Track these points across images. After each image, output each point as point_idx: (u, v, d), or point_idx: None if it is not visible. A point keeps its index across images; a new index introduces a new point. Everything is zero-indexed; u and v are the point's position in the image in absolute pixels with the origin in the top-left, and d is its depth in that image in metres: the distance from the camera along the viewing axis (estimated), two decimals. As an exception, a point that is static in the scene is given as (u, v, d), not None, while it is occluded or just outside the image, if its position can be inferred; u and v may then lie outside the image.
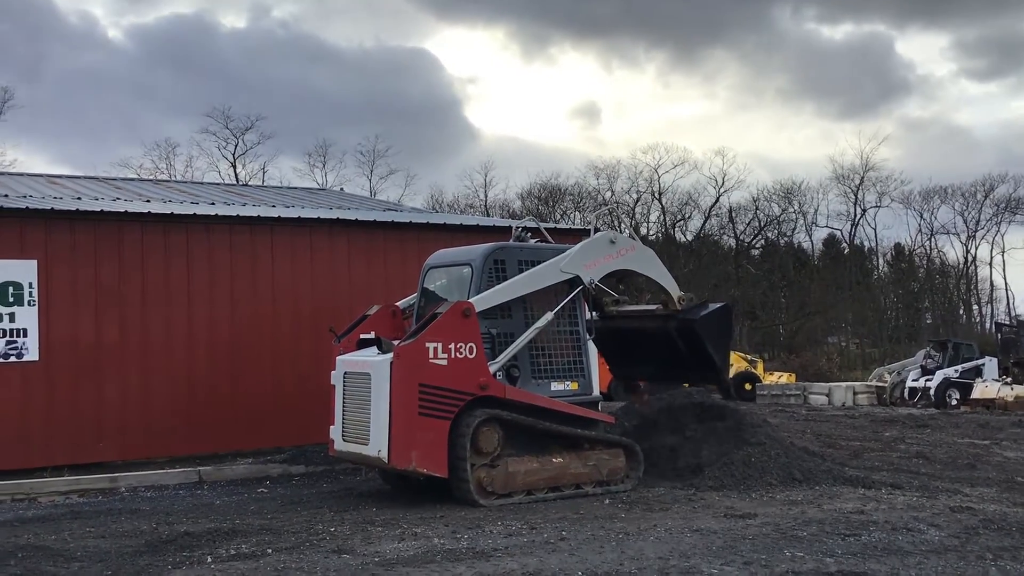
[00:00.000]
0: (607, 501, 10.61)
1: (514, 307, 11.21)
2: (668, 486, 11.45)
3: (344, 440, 11.09)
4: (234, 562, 7.73)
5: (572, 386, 11.55)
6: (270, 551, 8.12)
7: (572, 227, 19.86)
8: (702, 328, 12.40)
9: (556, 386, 11.40)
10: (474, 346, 10.47)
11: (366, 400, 10.63)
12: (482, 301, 10.79)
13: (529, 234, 12.66)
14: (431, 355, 10.23)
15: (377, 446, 10.35)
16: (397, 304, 12.48)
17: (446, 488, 10.53)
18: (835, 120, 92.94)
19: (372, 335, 11.23)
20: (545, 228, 13.52)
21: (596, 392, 11.94)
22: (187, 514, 10.49)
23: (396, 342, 10.55)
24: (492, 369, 10.64)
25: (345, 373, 11.18)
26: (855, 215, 65.10)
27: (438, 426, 10.24)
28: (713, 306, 12.75)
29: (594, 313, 12.75)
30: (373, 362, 10.64)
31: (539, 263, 11.41)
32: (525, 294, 11.18)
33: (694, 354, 12.57)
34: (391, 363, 10.29)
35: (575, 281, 11.52)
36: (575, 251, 11.67)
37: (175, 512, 10.67)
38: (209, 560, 7.83)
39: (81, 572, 7.39)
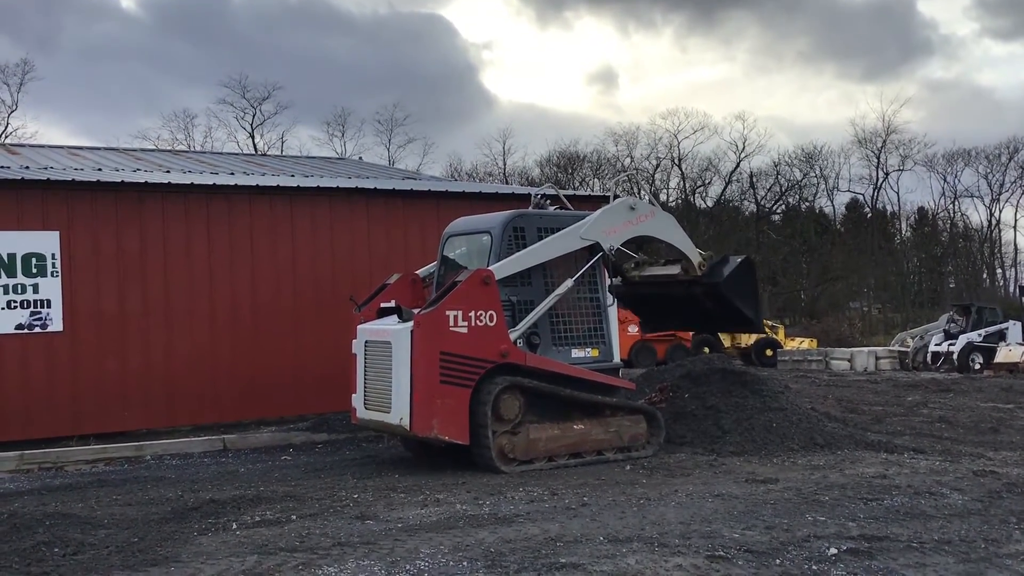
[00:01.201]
0: (628, 467, 10.63)
1: (534, 274, 11.18)
2: (689, 452, 11.47)
3: (366, 408, 11.16)
4: (259, 528, 7.81)
5: (593, 353, 11.54)
6: (294, 517, 8.20)
7: (591, 194, 19.75)
8: (728, 289, 12.53)
9: (577, 353, 11.38)
10: (494, 314, 10.48)
11: (387, 368, 10.67)
12: (502, 269, 10.78)
13: (548, 201, 12.62)
14: (451, 323, 10.24)
15: (399, 414, 10.41)
16: (417, 272, 12.49)
17: (467, 455, 10.58)
18: (856, 82, 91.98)
19: (392, 304, 11.25)
20: (564, 195, 13.48)
21: (617, 359, 11.93)
22: (212, 481, 10.60)
23: (416, 311, 10.57)
24: (512, 337, 10.66)
25: (366, 342, 11.21)
26: (877, 179, 64.64)
27: (459, 394, 10.28)
28: (734, 260, 12.76)
29: (616, 279, 12.78)
30: (394, 331, 10.66)
31: (559, 230, 11.37)
32: (545, 261, 11.16)
33: (724, 310, 12.85)
34: (411, 331, 10.32)
35: (595, 248, 11.49)
36: (595, 217, 11.62)
37: (200, 480, 10.78)
38: (234, 526, 7.91)
39: (108, 539, 7.48)
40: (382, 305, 11.53)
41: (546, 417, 10.86)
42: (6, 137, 50.61)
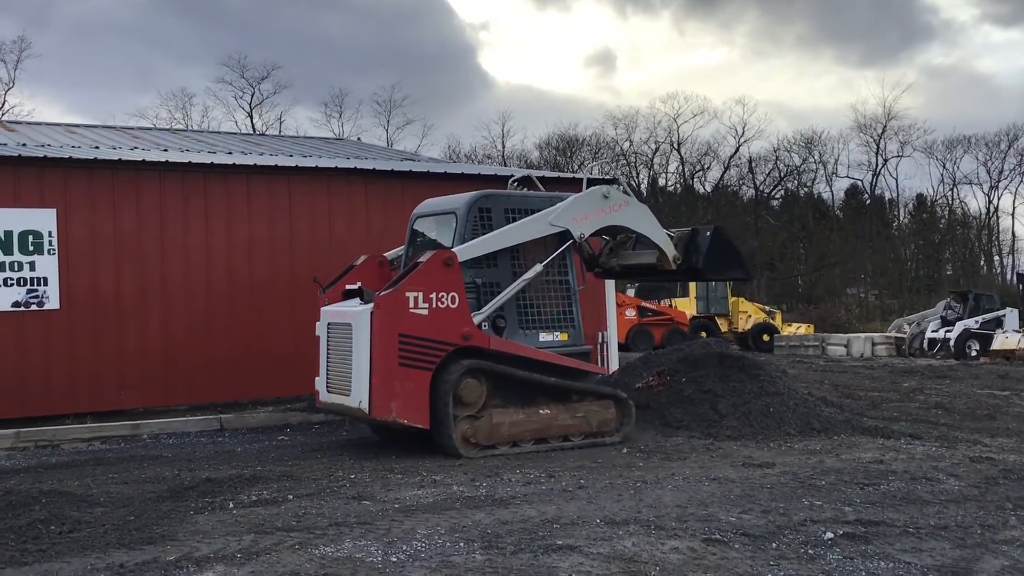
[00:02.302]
0: (625, 450, 10.64)
1: (500, 256, 10.95)
2: (686, 435, 11.46)
3: (328, 391, 10.98)
4: (255, 508, 7.81)
5: (562, 337, 11.33)
6: (291, 497, 8.20)
7: (574, 176, 19.68)
8: (709, 270, 12.40)
9: (545, 336, 11.17)
10: (456, 296, 10.27)
11: (348, 351, 10.49)
12: (466, 251, 10.56)
13: (522, 187, 12.40)
14: (411, 304, 10.02)
15: (358, 397, 10.22)
16: (385, 255, 12.34)
17: (431, 440, 10.40)
18: (856, 67, 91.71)
19: (357, 286, 11.04)
20: (550, 177, 13.31)
21: (586, 343, 11.71)
22: (208, 461, 10.59)
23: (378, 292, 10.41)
24: (476, 320, 10.44)
25: (328, 324, 11.04)
26: (877, 165, 64.59)
27: (419, 377, 10.08)
28: (704, 236, 12.30)
29: (595, 270, 12.76)
30: (354, 312, 10.45)
31: (528, 211, 11.16)
32: (512, 245, 10.95)
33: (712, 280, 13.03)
34: (371, 313, 10.11)
35: (565, 235, 11.26)
36: (566, 204, 11.35)
37: (196, 459, 10.78)
38: (231, 506, 7.90)
39: (104, 517, 7.48)
40: (347, 287, 11.34)
41: (512, 402, 10.66)
42: (3, 114, 50.41)
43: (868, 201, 66.04)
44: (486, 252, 10.76)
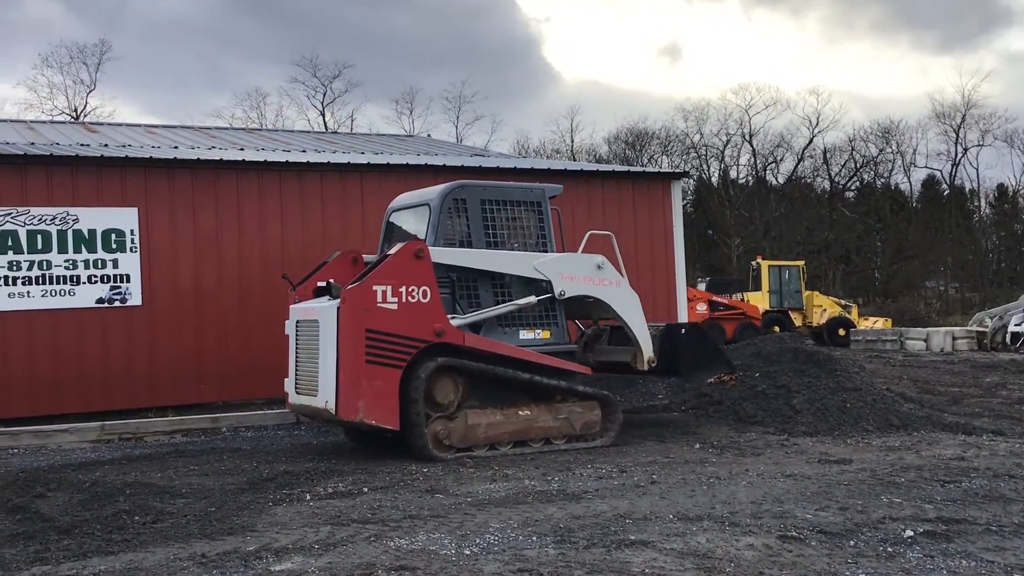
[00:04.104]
0: (697, 445, 10.56)
1: (476, 247, 10.51)
2: (760, 431, 11.34)
3: (297, 392, 10.58)
4: (331, 500, 7.94)
5: (544, 335, 10.81)
6: (366, 490, 8.32)
7: (644, 170, 19.58)
8: (688, 372, 11.59)
9: (525, 334, 10.67)
10: (428, 289, 9.77)
11: (315, 349, 10.05)
12: (440, 254, 10.13)
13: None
14: (379, 299, 9.55)
15: (324, 396, 9.75)
16: (359, 251, 11.92)
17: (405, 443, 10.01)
18: (932, 54, 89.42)
19: (331, 282, 10.58)
20: (619, 171, 13.04)
21: (571, 342, 11.25)
22: (286, 454, 10.79)
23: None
24: (456, 324, 10.01)
25: (297, 322, 10.66)
26: (956, 155, 62.82)
27: (387, 375, 9.56)
28: (679, 331, 11.60)
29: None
30: (321, 308, 10.04)
31: (505, 202, 10.78)
32: (490, 269, 10.48)
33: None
34: (337, 308, 9.68)
35: (548, 285, 10.71)
36: (556, 257, 10.85)
37: (274, 452, 10.99)
38: (308, 498, 8.05)
39: (186, 508, 7.67)
40: (318, 284, 10.89)
41: (491, 402, 10.21)
42: (85, 116, 51.90)
43: (947, 192, 64.33)
44: (458, 264, 10.30)
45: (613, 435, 10.86)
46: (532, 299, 10.56)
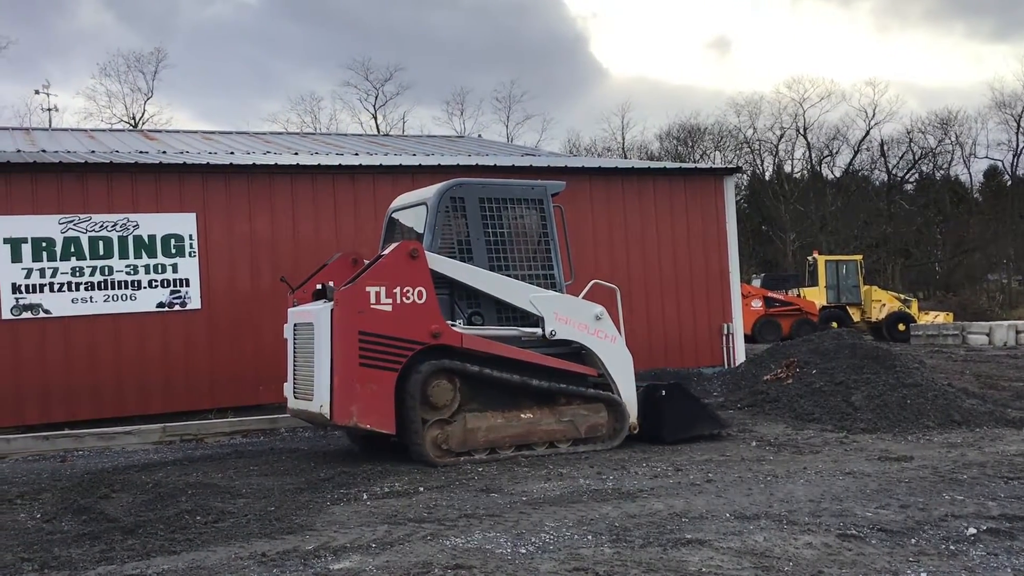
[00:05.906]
0: (754, 444, 10.46)
1: (476, 247, 10.24)
2: (818, 428, 11.20)
3: (295, 397, 10.42)
4: (388, 499, 8.01)
5: None
6: (422, 489, 8.38)
7: (697, 166, 19.41)
8: (672, 435, 10.71)
9: None
10: (423, 290, 9.54)
11: (311, 352, 9.86)
12: (437, 262, 9.87)
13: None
14: (373, 300, 9.35)
15: (320, 400, 9.56)
16: (359, 252, 11.80)
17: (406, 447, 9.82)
18: (987, 42, 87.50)
19: (327, 284, 10.33)
20: (671, 168, 12.89)
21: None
22: (343, 454, 10.90)
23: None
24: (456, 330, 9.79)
25: (295, 325, 10.55)
26: (1017, 144, 61.36)
27: (382, 378, 9.36)
28: (659, 393, 10.92)
29: None
30: (316, 311, 9.85)
31: (505, 200, 10.46)
32: (486, 290, 10.18)
33: None
34: (331, 310, 9.49)
35: (540, 321, 10.29)
36: (554, 295, 10.45)
37: (331, 452, 11.11)
38: (365, 497, 8.13)
39: (247, 508, 7.79)
40: (317, 286, 10.73)
41: (492, 405, 9.94)
42: (143, 123, 52.93)
43: (1009, 183, 62.87)
44: (453, 276, 10.04)
45: (620, 438, 10.50)
46: (516, 331, 10.22)
